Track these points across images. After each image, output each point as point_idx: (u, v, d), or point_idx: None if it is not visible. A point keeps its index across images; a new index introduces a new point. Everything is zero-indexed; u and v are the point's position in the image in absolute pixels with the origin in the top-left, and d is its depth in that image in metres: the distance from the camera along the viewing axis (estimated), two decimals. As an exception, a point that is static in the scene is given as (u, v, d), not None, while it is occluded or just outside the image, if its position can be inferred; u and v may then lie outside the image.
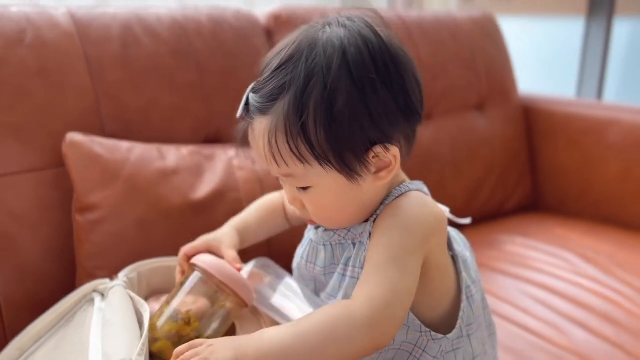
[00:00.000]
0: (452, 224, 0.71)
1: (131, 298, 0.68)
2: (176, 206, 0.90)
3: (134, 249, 0.85)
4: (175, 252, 0.82)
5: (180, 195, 0.90)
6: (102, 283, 0.73)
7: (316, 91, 0.57)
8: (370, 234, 0.63)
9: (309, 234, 0.71)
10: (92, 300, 0.71)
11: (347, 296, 0.64)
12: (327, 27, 0.61)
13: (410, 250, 0.60)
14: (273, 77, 0.60)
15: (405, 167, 1.35)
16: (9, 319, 0.85)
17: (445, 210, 0.72)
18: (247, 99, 0.62)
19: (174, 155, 0.95)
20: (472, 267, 0.72)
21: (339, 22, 0.61)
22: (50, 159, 0.90)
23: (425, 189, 0.69)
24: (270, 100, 0.59)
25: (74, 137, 0.89)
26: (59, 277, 0.88)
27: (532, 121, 1.59)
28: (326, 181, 0.61)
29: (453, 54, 1.44)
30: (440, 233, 0.64)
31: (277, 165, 0.61)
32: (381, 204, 0.64)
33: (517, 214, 1.51)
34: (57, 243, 0.89)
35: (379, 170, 0.62)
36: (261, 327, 0.69)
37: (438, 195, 1.40)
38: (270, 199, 0.82)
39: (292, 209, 0.77)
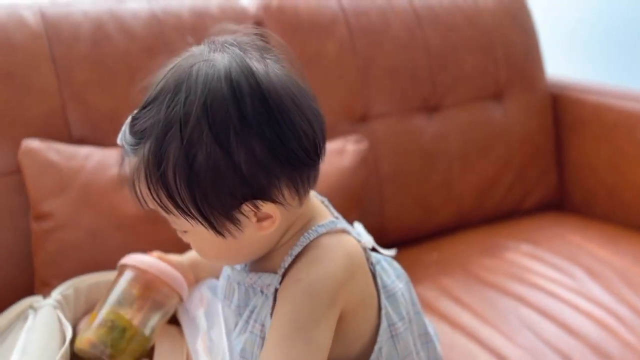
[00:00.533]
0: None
1: (59, 320, 0.67)
2: (130, 215, 0.87)
3: (87, 259, 0.85)
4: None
5: (134, 204, 0.88)
6: (37, 300, 0.72)
7: (174, 144, 0.52)
8: (276, 291, 0.58)
9: (226, 268, 0.66)
10: (26, 318, 0.71)
11: (243, 350, 0.60)
12: (197, 65, 0.53)
13: (317, 319, 0.54)
14: (140, 116, 0.55)
15: (406, 162, 1.26)
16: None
17: (368, 241, 0.65)
18: (125, 129, 0.57)
19: (136, 160, 0.92)
20: (403, 302, 0.64)
21: (212, 58, 0.54)
22: (13, 164, 0.90)
23: (342, 224, 0.62)
24: (134, 144, 0.55)
25: (30, 143, 0.88)
26: (19, 282, 0.89)
27: (561, 111, 1.45)
28: (198, 230, 0.56)
29: (467, 40, 1.33)
30: (354, 279, 0.58)
31: (143, 207, 0.57)
32: (289, 250, 0.58)
33: (538, 213, 1.39)
34: (18, 249, 0.90)
35: (261, 220, 0.56)
36: (181, 348, 0.67)
37: (442, 195, 1.34)
38: None
39: None
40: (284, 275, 0.58)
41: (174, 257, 0.75)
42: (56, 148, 0.89)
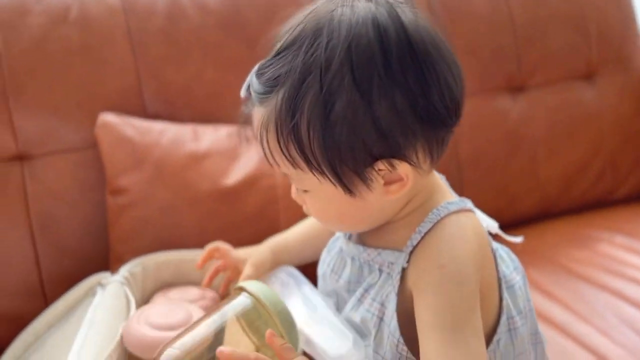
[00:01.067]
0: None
1: (125, 297, 0.65)
2: (205, 192, 0.85)
3: (160, 236, 0.83)
4: (202, 240, 0.79)
5: (210, 181, 0.86)
6: (105, 277, 0.71)
7: (312, 91, 0.49)
8: (403, 270, 0.54)
9: (339, 241, 0.64)
10: (94, 294, 0.70)
11: (356, 325, 0.57)
12: (339, 10, 0.51)
13: (473, 304, 0.52)
14: (272, 63, 0.52)
15: (488, 145, 1.19)
16: (50, 295, 0.87)
17: (493, 226, 0.60)
18: (250, 80, 0.55)
19: (209, 136, 0.90)
20: (520, 295, 0.60)
21: (354, 3, 0.51)
22: (90, 138, 0.90)
23: (469, 204, 0.58)
24: (266, 92, 0.52)
25: (107, 118, 0.87)
26: (96, 256, 0.89)
27: (659, 93, 1.33)
28: (322, 188, 0.53)
29: (556, 15, 1.23)
30: (485, 263, 0.55)
31: (270, 163, 0.55)
32: (414, 226, 0.55)
33: (628, 205, 1.28)
34: (95, 223, 0.89)
35: (389, 183, 0.53)
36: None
37: (526, 180, 1.25)
38: None
39: None
40: (410, 254, 0.54)
41: (248, 251, 0.72)
42: (131, 123, 0.88)
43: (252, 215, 0.85)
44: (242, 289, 0.56)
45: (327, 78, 0.48)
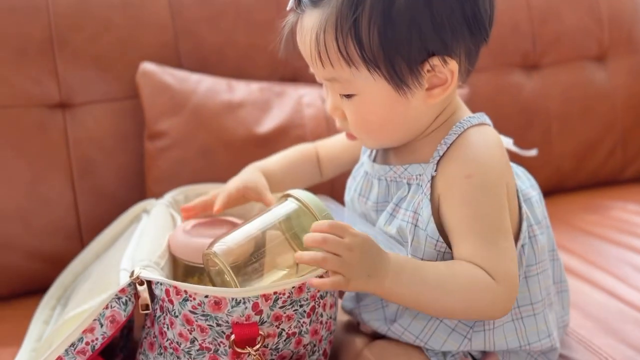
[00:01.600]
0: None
1: (171, 216, 0.69)
2: (240, 138, 0.90)
3: (196, 176, 0.87)
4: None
5: (244, 128, 0.90)
6: (150, 203, 0.75)
7: None
8: (432, 179, 0.58)
9: (364, 166, 0.67)
10: (140, 220, 0.74)
11: (391, 236, 0.61)
12: None
13: (500, 207, 0.56)
14: None
15: (503, 118, 1.23)
16: (86, 238, 0.91)
17: (508, 142, 0.65)
18: None
19: (243, 89, 0.95)
20: (537, 207, 0.64)
21: None
22: (129, 89, 0.94)
23: (488, 120, 0.62)
24: None
25: (147, 66, 0.92)
26: (131, 202, 0.90)
27: (668, 77, 1.37)
28: (372, 90, 0.57)
29: (570, -4, 1.28)
30: (509, 170, 0.59)
31: (323, 65, 0.57)
32: (438, 140, 0.59)
33: (637, 183, 1.32)
34: (131, 170, 0.93)
35: (432, 87, 0.57)
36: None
37: (542, 154, 1.29)
38: (301, 149, 0.78)
39: (326, 156, 0.75)
40: (437, 164, 0.58)
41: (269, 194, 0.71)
42: (170, 72, 0.92)
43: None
44: (288, 195, 0.60)
45: None
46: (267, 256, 0.58)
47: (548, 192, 1.28)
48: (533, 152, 0.67)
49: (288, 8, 0.59)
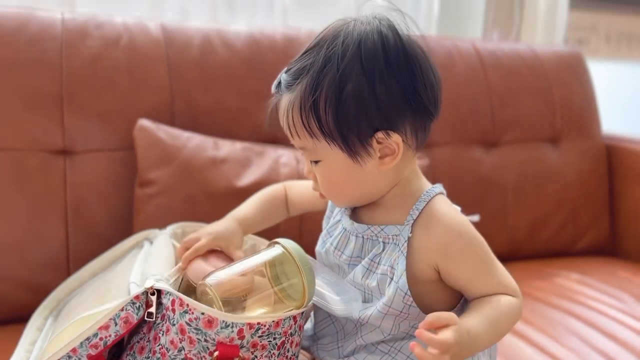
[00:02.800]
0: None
1: (172, 245, 0.79)
2: (221, 190, 1.01)
3: (180, 221, 0.97)
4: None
5: (226, 181, 1.01)
6: (153, 232, 0.85)
7: (330, 75, 0.64)
8: (407, 239, 0.68)
9: (342, 223, 0.75)
10: (142, 246, 0.83)
11: (368, 288, 0.70)
12: (353, 22, 0.68)
13: (492, 257, 0.70)
14: (300, 59, 0.68)
15: (462, 190, 1.35)
16: (73, 272, 0.99)
17: (457, 208, 0.76)
18: (280, 78, 0.70)
19: (227, 147, 1.07)
20: None
21: (365, 20, 0.69)
22: (125, 141, 1.05)
23: (444, 190, 0.74)
24: (294, 79, 0.67)
25: (144, 123, 1.04)
26: (119, 241, 1.01)
27: (614, 161, 1.52)
28: (332, 157, 0.67)
29: (526, 85, 1.45)
30: None
31: (293, 137, 0.69)
32: (406, 205, 0.70)
33: (587, 256, 1.43)
34: (120, 213, 1.03)
35: (383, 156, 0.67)
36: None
37: (498, 223, 1.41)
38: (272, 190, 0.88)
39: (294, 198, 0.86)
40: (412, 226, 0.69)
41: (214, 226, 0.81)
42: (164, 129, 1.04)
43: (258, 213, 1.00)
44: (276, 242, 0.70)
45: (342, 65, 0.64)
46: (253, 296, 0.68)
47: (503, 259, 1.36)
48: (475, 218, 0.79)
49: (272, 91, 0.72)
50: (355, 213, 0.76)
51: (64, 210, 1.01)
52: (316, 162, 0.69)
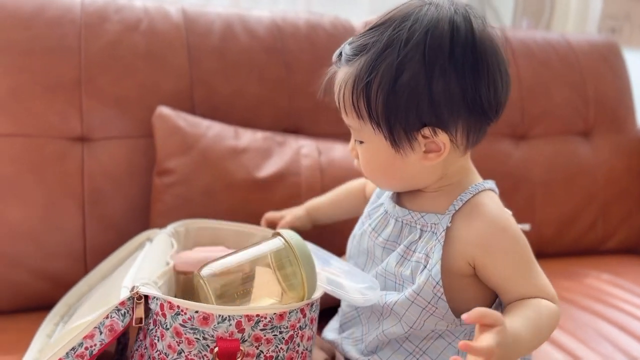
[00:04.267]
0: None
1: (171, 244, 0.76)
2: (240, 181, 0.98)
3: (197, 212, 0.94)
4: (233, 221, 0.90)
5: (245, 172, 0.98)
6: (154, 232, 0.82)
7: (389, 59, 0.61)
8: (445, 229, 0.65)
9: (384, 206, 0.74)
10: (144, 246, 0.81)
11: (401, 277, 0.68)
12: (427, 6, 0.64)
13: (530, 251, 0.68)
14: (364, 35, 0.65)
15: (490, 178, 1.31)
16: (90, 262, 0.98)
17: (508, 212, 0.72)
18: (343, 48, 0.67)
19: (248, 137, 1.03)
20: None
21: (440, 4, 0.64)
22: (144, 129, 1.03)
23: (496, 189, 0.71)
24: (354, 54, 0.65)
25: (163, 110, 1.01)
26: (136, 231, 0.99)
27: (651, 157, 1.46)
28: (375, 141, 0.66)
29: (558, 76, 1.39)
30: None
31: (343, 112, 0.67)
32: (453, 196, 0.67)
33: (616, 255, 1.38)
34: (138, 202, 1.01)
35: (428, 152, 0.64)
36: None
37: (526, 217, 1.36)
38: (351, 183, 0.91)
39: (370, 189, 0.85)
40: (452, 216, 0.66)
41: (289, 212, 0.90)
42: (183, 116, 1.01)
43: (277, 205, 0.97)
44: (278, 234, 0.67)
45: (403, 52, 0.61)
46: (255, 287, 0.65)
47: (529, 256, 1.35)
48: (527, 227, 0.75)
49: (333, 60, 0.69)
50: (399, 196, 0.74)
51: (81, 198, 0.99)
52: (361, 142, 0.68)
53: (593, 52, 1.45)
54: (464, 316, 0.55)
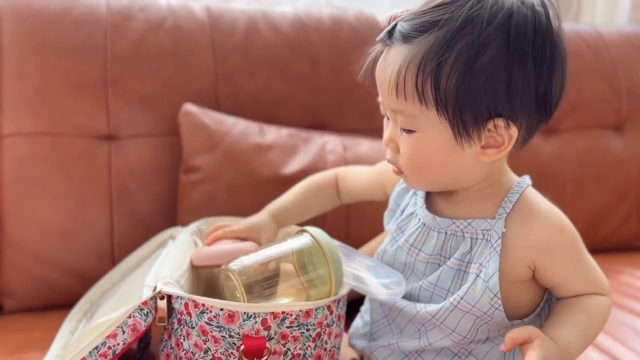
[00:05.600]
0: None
1: (194, 242, 0.76)
2: (265, 177, 0.97)
3: (223, 210, 0.94)
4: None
5: (270, 168, 0.98)
6: (176, 230, 0.82)
7: (467, 38, 0.56)
8: (501, 235, 0.61)
9: (419, 217, 0.68)
10: (166, 245, 0.81)
11: (469, 295, 0.63)
12: None
13: (587, 254, 0.68)
14: (430, 11, 0.59)
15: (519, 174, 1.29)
16: (118, 259, 0.97)
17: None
18: (394, 25, 0.61)
19: (273, 133, 1.03)
20: None
21: None
22: (170, 127, 1.03)
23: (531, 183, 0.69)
24: (418, 31, 0.58)
25: (189, 107, 1.01)
26: (163, 228, 0.98)
27: (685, 150, 1.41)
28: (434, 130, 0.59)
29: (589, 68, 1.35)
30: None
31: (397, 97, 0.59)
32: (497, 197, 0.64)
33: (651, 251, 1.34)
34: (165, 199, 1.02)
35: (487, 147, 0.60)
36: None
37: (556, 215, 1.33)
38: (316, 178, 0.83)
39: (349, 185, 0.80)
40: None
41: (236, 221, 0.80)
42: (209, 114, 1.01)
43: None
44: (304, 231, 0.66)
45: (486, 31, 0.55)
46: (279, 284, 0.64)
47: (560, 253, 1.32)
48: None
49: (378, 39, 0.62)
50: (432, 205, 0.68)
51: (108, 196, 1.00)
52: (409, 131, 0.61)
53: (624, 43, 1.41)
54: (502, 348, 0.57)
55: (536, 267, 0.63)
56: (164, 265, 0.70)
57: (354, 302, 0.82)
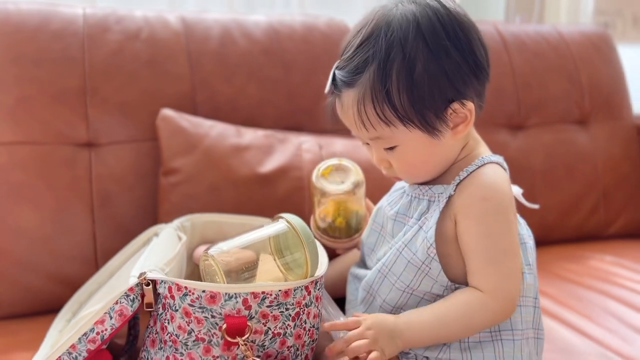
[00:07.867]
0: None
1: (178, 237, 0.78)
2: (244, 177, 1.00)
3: (204, 209, 0.97)
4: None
5: (249, 168, 1.01)
6: (160, 227, 0.85)
7: (397, 61, 0.65)
8: (448, 198, 0.68)
9: (402, 185, 0.78)
10: (151, 241, 0.83)
11: (407, 242, 0.70)
12: (399, 5, 0.68)
13: (513, 232, 0.67)
14: (356, 53, 0.67)
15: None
16: (101, 264, 0.99)
17: (518, 191, 0.76)
18: (334, 75, 0.69)
19: (250, 135, 1.06)
20: (530, 253, 0.73)
21: (404, 0, 0.68)
22: (149, 133, 1.06)
23: (505, 165, 0.73)
24: (356, 74, 0.67)
25: (167, 112, 1.04)
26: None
27: (648, 143, 1.47)
28: (410, 139, 0.68)
29: (552, 66, 1.41)
30: (514, 208, 0.70)
31: (367, 130, 0.68)
32: (462, 169, 0.69)
33: (620, 239, 1.39)
34: (145, 203, 1.04)
35: (456, 125, 0.68)
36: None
37: (526, 207, 1.37)
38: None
39: None
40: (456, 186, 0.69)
41: None
42: (186, 118, 1.04)
43: (281, 199, 0.99)
44: (280, 217, 0.70)
45: (408, 48, 0.65)
46: (258, 268, 0.68)
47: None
48: (536, 206, 0.79)
49: (326, 91, 0.71)
50: None
51: (90, 202, 1.02)
52: (391, 148, 0.69)
53: (585, 41, 1.48)
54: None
55: (456, 225, 0.68)
56: (148, 259, 0.72)
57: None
